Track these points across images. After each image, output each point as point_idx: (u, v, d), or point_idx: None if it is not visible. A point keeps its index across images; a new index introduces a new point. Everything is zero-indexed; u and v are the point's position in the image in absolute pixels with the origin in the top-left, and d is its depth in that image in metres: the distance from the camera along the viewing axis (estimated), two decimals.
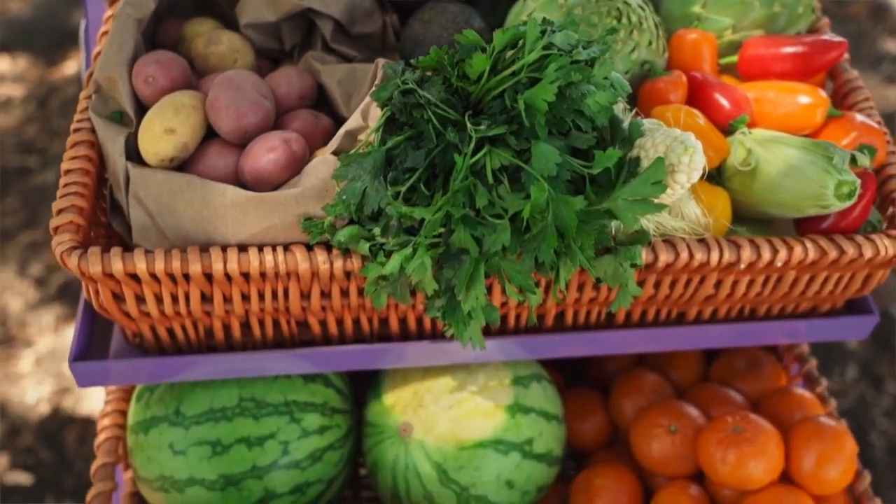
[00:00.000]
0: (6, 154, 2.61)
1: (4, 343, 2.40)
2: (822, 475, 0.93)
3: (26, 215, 2.53)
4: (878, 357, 2.32)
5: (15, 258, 2.50)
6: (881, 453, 2.09)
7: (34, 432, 2.26)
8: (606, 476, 1.02)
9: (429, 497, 0.94)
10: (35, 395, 2.36)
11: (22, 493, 2.21)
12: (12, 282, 2.54)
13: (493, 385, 0.96)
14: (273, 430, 0.92)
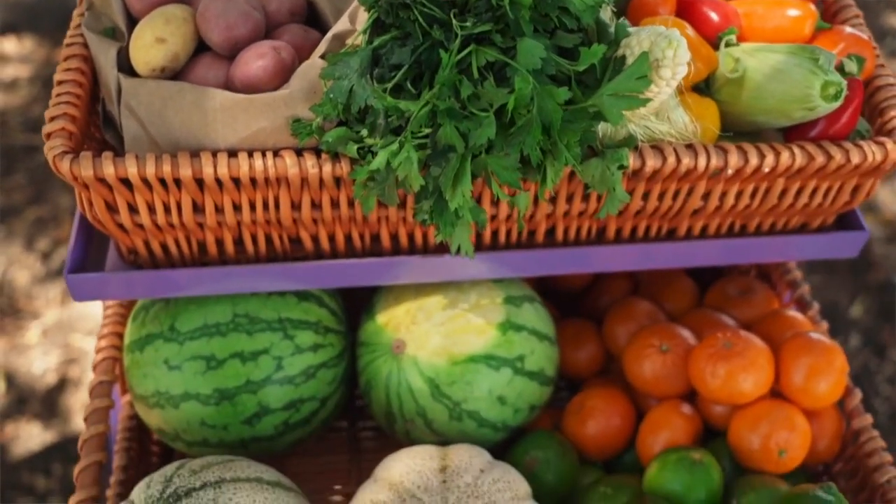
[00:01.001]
0: (13, 133, 2.63)
1: (11, 315, 2.43)
2: (812, 389, 0.94)
3: (33, 192, 2.56)
4: (881, 326, 2.33)
5: (22, 233, 2.53)
6: (884, 419, 2.13)
7: (41, 401, 2.28)
8: (599, 397, 1.02)
9: (421, 412, 0.95)
10: (42, 365, 2.38)
11: (29, 461, 2.23)
12: (19, 256, 2.56)
13: (484, 303, 0.97)
14: (266, 346, 0.93)
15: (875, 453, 0.94)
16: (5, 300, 2.44)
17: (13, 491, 2.17)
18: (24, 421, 2.24)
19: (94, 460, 0.90)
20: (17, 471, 2.17)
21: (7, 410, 2.28)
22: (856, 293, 2.27)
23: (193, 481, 0.83)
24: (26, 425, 2.23)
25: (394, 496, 0.84)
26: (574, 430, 1.01)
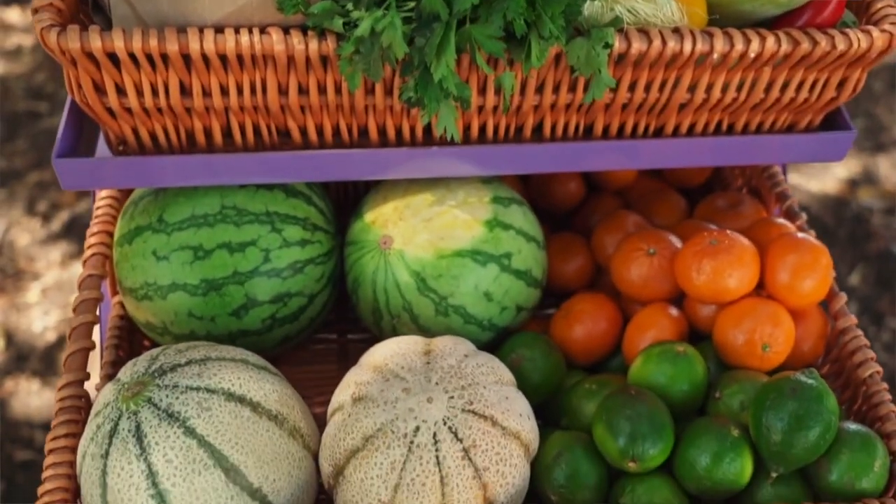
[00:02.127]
0: (16, 100, 2.65)
1: (13, 275, 2.44)
2: (797, 286, 0.94)
3: (35, 157, 2.58)
4: (880, 295, 2.34)
5: (23, 196, 2.55)
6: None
7: (40, 358, 2.29)
8: (586, 302, 1.03)
9: (408, 307, 0.95)
10: (41, 324, 2.39)
11: (28, 416, 2.24)
12: (20, 218, 2.57)
13: (472, 201, 0.97)
14: (254, 238, 0.93)
15: (858, 350, 0.94)
16: (6, 261, 2.46)
17: (13, 444, 2.18)
18: (24, 378, 2.25)
19: (82, 346, 0.91)
20: (17, 426, 2.18)
21: (7, 367, 2.29)
22: (854, 262, 2.28)
23: (179, 358, 0.83)
24: (26, 382, 2.25)
25: (377, 376, 0.85)
26: (561, 333, 1.02)
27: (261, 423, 0.82)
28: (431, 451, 0.80)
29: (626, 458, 0.85)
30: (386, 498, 0.80)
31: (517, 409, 0.85)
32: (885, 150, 2.57)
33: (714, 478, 0.84)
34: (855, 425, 0.87)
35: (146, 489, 0.77)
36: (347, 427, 0.82)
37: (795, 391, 0.83)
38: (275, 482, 0.82)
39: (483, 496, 0.82)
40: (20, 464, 2.10)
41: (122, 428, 0.79)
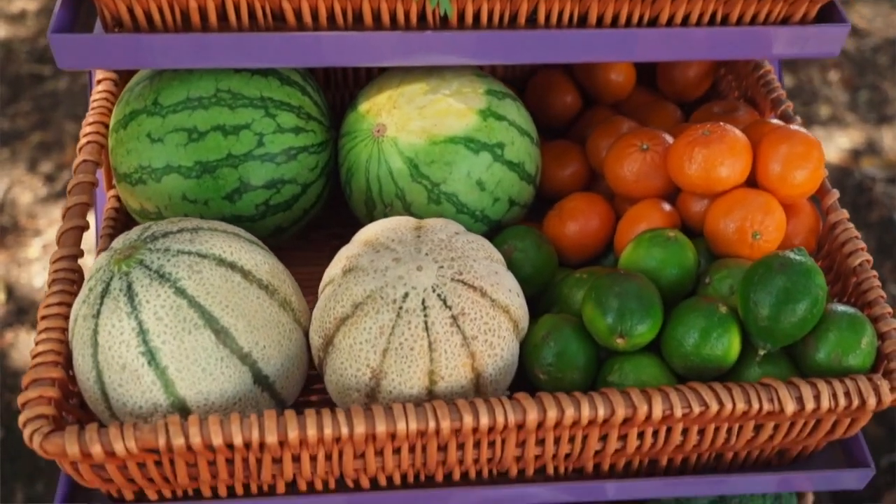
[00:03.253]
0: (20, 62, 2.66)
1: (14, 232, 2.45)
2: (789, 177, 0.94)
3: (38, 118, 2.59)
4: (881, 262, 2.36)
5: (26, 156, 2.56)
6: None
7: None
8: (579, 200, 1.03)
9: (400, 195, 0.96)
10: (42, 279, 2.40)
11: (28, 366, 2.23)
12: (23, 177, 2.59)
13: (466, 91, 0.97)
14: (248, 121, 0.94)
15: (849, 241, 0.94)
16: (7, 218, 2.47)
17: (12, 394, 2.19)
18: (24, 330, 2.26)
19: (76, 225, 0.91)
20: (16, 376, 2.19)
21: (7, 319, 2.30)
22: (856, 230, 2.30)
23: (171, 227, 0.84)
24: (26, 334, 2.26)
25: (368, 249, 0.85)
26: (554, 230, 1.02)
27: (251, 290, 0.82)
28: (420, 317, 0.80)
29: (614, 335, 0.86)
30: (374, 363, 0.81)
31: (506, 285, 0.85)
32: (888, 122, 2.57)
33: (701, 354, 0.85)
34: (843, 306, 0.87)
35: (136, 346, 0.78)
36: (337, 296, 0.83)
37: (784, 266, 0.83)
38: (265, 349, 0.82)
39: (471, 365, 0.82)
40: (18, 412, 2.11)
41: (113, 288, 0.79)
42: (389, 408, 0.78)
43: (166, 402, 0.79)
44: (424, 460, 0.86)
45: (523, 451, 0.87)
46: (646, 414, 0.81)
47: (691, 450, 0.90)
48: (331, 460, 0.84)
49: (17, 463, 2.06)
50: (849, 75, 2.73)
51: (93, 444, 0.76)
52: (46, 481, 2.02)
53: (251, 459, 0.82)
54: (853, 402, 0.82)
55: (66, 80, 2.56)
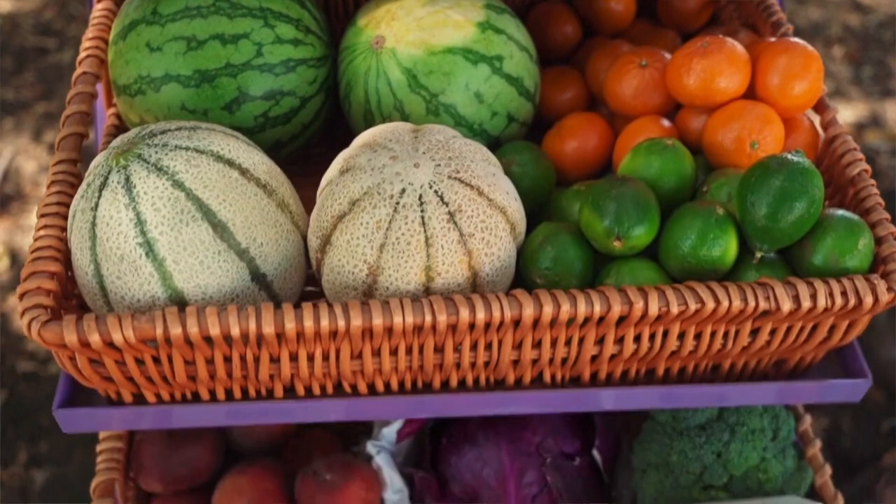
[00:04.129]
0: (25, 35, 2.67)
1: (18, 199, 2.47)
2: (787, 89, 0.94)
3: (42, 89, 2.60)
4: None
5: (30, 126, 2.58)
6: (881, 319, 2.21)
7: None
8: (578, 119, 1.03)
9: (399, 107, 0.96)
10: None
11: None
12: (27, 146, 2.60)
13: (465, 4, 0.98)
14: (247, 30, 0.94)
15: (847, 153, 0.94)
16: (12, 185, 2.48)
17: (16, 356, 2.20)
18: None
19: (75, 132, 0.91)
20: (20, 339, 2.20)
21: (11, 284, 2.31)
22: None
23: (169, 126, 0.84)
24: None
25: (366, 149, 0.85)
26: (553, 148, 1.02)
27: (249, 187, 0.82)
28: (417, 212, 0.80)
29: (611, 237, 0.86)
30: (371, 259, 0.81)
31: (504, 187, 0.86)
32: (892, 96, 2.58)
33: (698, 256, 0.85)
34: (840, 211, 0.87)
35: (134, 237, 0.78)
36: (335, 195, 0.83)
37: (782, 166, 0.83)
38: (262, 246, 0.82)
39: (468, 263, 0.82)
40: (22, 374, 2.12)
41: (111, 180, 0.79)
42: (386, 302, 0.79)
43: (164, 294, 0.79)
44: (421, 362, 0.86)
45: (520, 355, 0.87)
46: (642, 311, 0.81)
47: (688, 356, 0.90)
48: (328, 361, 0.84)
49: (20, 424, 2.07)
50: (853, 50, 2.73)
51: (91, 333, 0.76)
52: (50, 442, 2.03)
53: (248, 357, 0.82)
54: (850, 302, 0.82)
55: (71, 53, 2.57)
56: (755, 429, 1.00)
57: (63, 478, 2.00)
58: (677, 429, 1.02)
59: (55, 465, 1.99)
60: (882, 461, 1.92)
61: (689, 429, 1.01)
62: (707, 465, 1.00)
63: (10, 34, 2.69)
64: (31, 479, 2.00)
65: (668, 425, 1.03)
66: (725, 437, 1.00)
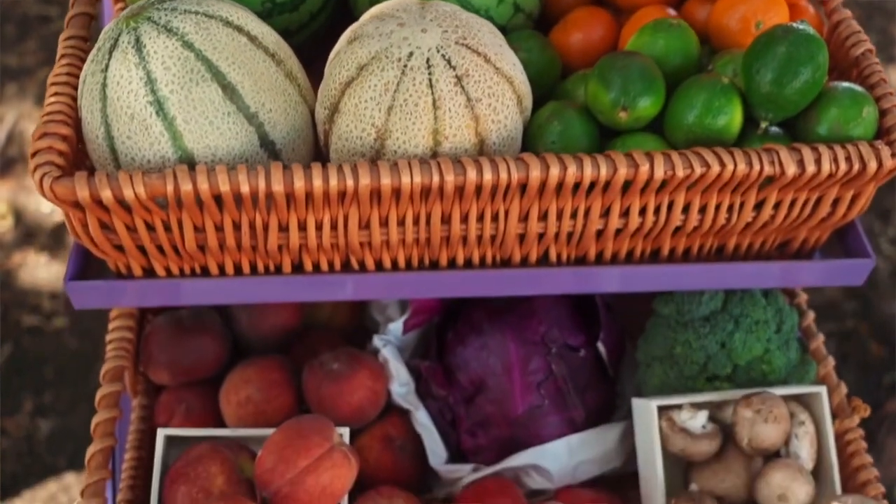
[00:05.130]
0: (28, 4, 2.68)
1: (22, 162, 2.48)
2: None
3: (45, 56, 2.62)
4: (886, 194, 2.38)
5: (33, 92, 2.59)
6: (884, 275, 2.20)
7: (48, 236, 2.32)
8: (584, 11, 1.04)
9: None
10: (50, 205, 2.42)
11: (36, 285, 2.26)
12: (31, 111, 2.61)
13: None
14: None
15: (852, 35, 0.95)
16: (16, 148, 2.49)
17: (20, 310, 2.21)
18: (32, 251, 2.28)
19: (84, 11, 0.92)
20: (25, 294, 2.21)
21: (15, 242, 2.32)
22: None
23: None
24: (34, 255, 2.28)
25: (373, 20, 0.86)
26: (558, 41, 1.03)
27: (258, 54, 0.83)
28: (424, 74, 0.81)
29: (616, 108, 0.86)
30: (379, 122, 0.82)
31: (510, 59, 0.86)
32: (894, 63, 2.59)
33: (703, 125, 0.85)
34: (844, 84, 0.87)
35: (145, 95, 0.79)
36: (342, 62, 0.84)
37: (787, 33, 0.84)
38: (271, 112, 0.83)
39: (475, 129, 0.83)
40: (27, 328, 2.13)
41: (121, 41, 0.80)
42: (395, 163, 0.79)
43: (174, 155, 0.80)
44: (429, 234, 0.87)
45: (526, 228, 0.88)
46: (647, 175, 0.81)
47: (692, 234, 0.91)
48: (336, 230, 0.85)
49: (24, 376, 2.08)
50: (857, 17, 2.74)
51: (103, 189, 0.77)
52: (55, 393, 2.04)
53: (258, 223, 0.83)
54: (854, 167, 0.83)
55: None
56: (759, 320, 1.01)
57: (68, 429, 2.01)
58: (681, 321, 1.03)
59: (60, 416, 2.00)
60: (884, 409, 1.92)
61: (693, 321, 1.02)
62: (711, 355, 1.00)
63: (12, 3, 2.71)
64: (37, 427, 2.01)
65: (672, 318, 1.04)
66: (729, 328, 1.01)
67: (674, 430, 0.93)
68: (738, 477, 0.93)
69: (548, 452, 1.00)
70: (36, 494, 1.88)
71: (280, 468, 0.85)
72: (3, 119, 2.50)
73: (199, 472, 0.89)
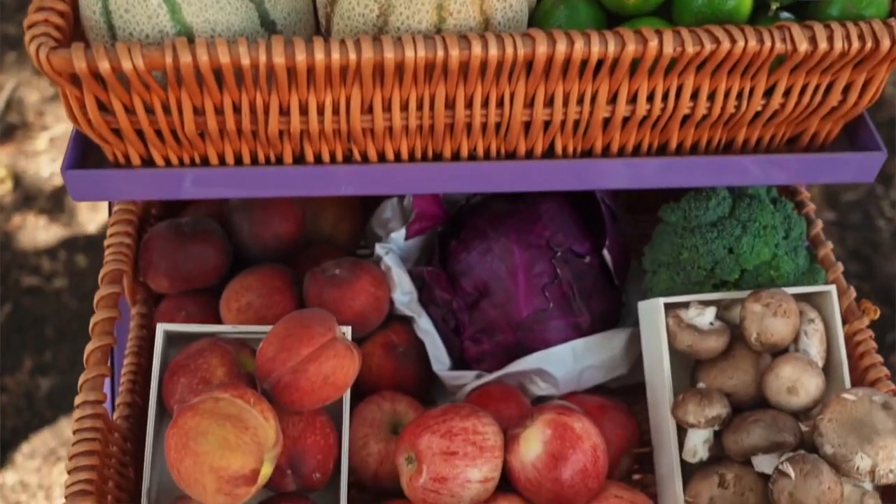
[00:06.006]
0: None
1: (22, 127, 2.47)
2: None
3: None
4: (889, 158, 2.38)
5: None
6: (886, 237, 2.20)
7: (48, 199, 2.31)
8: None
9: None
10: (49, 170, 2.41)
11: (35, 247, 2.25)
12: (30, 79, 2.60)
13: None
14: None
15: None
16: (16, 115, 2.48)
17: (20, 270, 2.20)
18: (32, 214, 2.27)
19: None
20: (24, 255, 2.20)
21: (15, 205, 2.31)
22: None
23: None
24: (33, 218, 2.27)
25: None
26: None
27: None
28: None
29: None
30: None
31: None
32: None
33: (713, 6, 0.84)
34: None
35: None
36: None
37: None
38: None
39: (480, 6, 0.81)
40: (26, 289, 2.12)
41: None
42: (398, 38, 0.78)
43: (172, 30, 0.78)
44: (432, 120, 0.85)
45: (531, 114, 0.86)
46: (656, 50, 0.80)
47: (701, 125, 0.89)
48: (338, 114, 0.84)
49: (25, 334, 2.07)
50: None
51: (100, 60, 0.75)
52: (55, 352, 2.03)
53: (258, 104, 0.82)
54: (867, 45, 0.81)
55: None
56: (767, 225, 0.99)
57: (68, 386, 2.00)
58: (688, 227, 1.01)
59: (60, 374, 1.99)
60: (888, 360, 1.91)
61: (700, 226, 1.01)
62: (718, 259, 0.99)
63: None
64: (37, 385, 2.00)
65: (678, 225, 1.02)
66: (737, 232, 0.99)
67: (681, 326, 0.92)
68: (747, 374, 0.92)
69: (553, 357, 0.98)
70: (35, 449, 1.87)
71: (281, 356, 0.84)
72: (2, 86, 2.50)
73: (200, 364, 0.87)
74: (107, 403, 0.92)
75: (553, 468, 0.85)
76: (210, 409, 0.78)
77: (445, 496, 0.85)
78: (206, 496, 0.78)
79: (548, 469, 0.85)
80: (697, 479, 0.89)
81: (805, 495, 0.80)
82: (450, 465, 0.85)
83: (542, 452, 0.86)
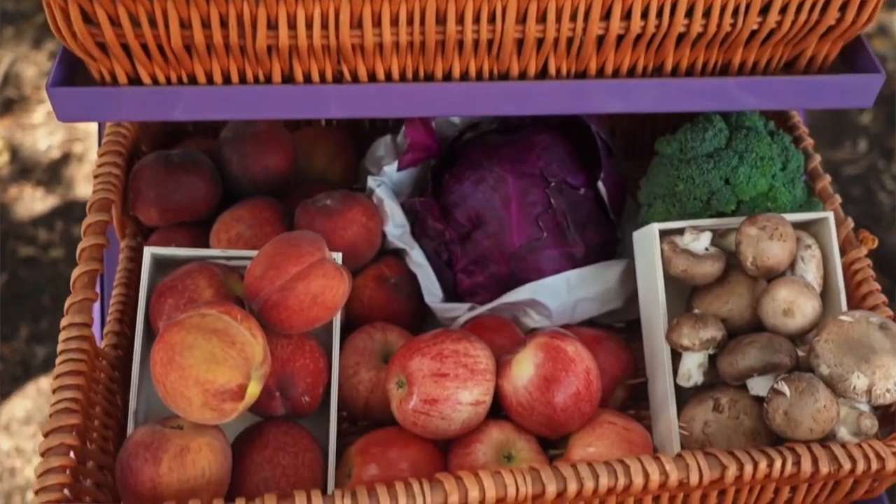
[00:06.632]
0: None
1: (20, 101, 2.46)
2: None
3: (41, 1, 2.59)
4: (889, 133, 2.37)
5: (30, 35, 2.57)
6: (887, 210, 2.21)
7: (44, 171, 2.31)
8: None
9: None
10: (47, 142, 2.41)
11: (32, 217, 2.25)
12: (28, 53, 2.60)
13: None
14: None
15: None
16: (13, 90, 2.47)
17: (16, 241, 2.20)
18: (29, 186, 2.26)
19: None
20: (21, 226, 2.20)
21: (11, 177, 2.30)
22: None
23: None
24: (30, 189, 2.26)
25: None
26: None
27: None
28: None
29: None
30: None
31: None
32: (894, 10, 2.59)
33: None
34: None
35: None
36: None
37: None
38: None
39: None
40: (23, 259, 2.11)
41: None
42: None
43: None
44: (423, 37, 0.84)
45: (524, 31, 0.85)
46: None
47: (697, 45, 0.88)
48: (327, 29, 0.82)
49: (22, 303, 2.06)
50: None
51: None
52: (51, 321, 2.02)
53: (246, 16, 0.80)
54: None
55: None
56: (764, 156, 0.98)
57: None
58: (684, 159, 1.00)
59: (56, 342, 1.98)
60: None
61: (696, 157, 0.99)
62: (715, 190, 0.98)
63: None
64: (33, 353, 1.99)
65: (674, 157, 1.01)
66: (734, 163, 0.98)
67: (676, 251, 0.90)
68: (742, 298, 0.90)
69: (546, 287, 0.97)
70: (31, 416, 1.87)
71: (269, 274, 0.83)
72: (0, 61, 2.49)
73: (188, 285, 0.86)
74: (96, 333, 0.91)
75: (545, 391, 0.84)
76: (196, 324, 0.77)
77: (436, 418, 0.84)
78: (191, 411, 0.76)
79: (540, 392, 0.84)
80: (692, 405, 0.88)
81: (800, 413, 0.79)
82: (440, 386, 0.84)
83: (534, 375, 0.84)
